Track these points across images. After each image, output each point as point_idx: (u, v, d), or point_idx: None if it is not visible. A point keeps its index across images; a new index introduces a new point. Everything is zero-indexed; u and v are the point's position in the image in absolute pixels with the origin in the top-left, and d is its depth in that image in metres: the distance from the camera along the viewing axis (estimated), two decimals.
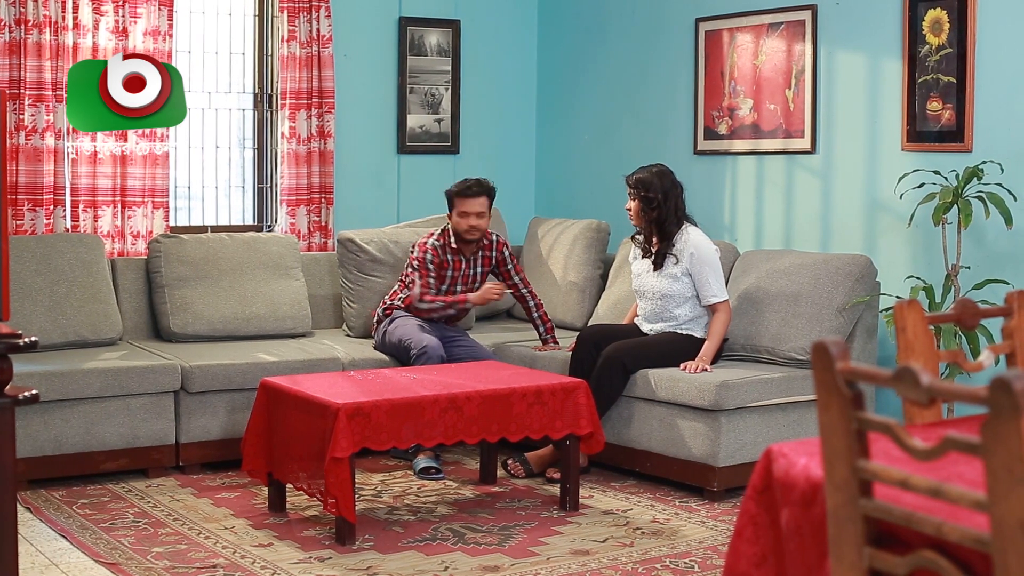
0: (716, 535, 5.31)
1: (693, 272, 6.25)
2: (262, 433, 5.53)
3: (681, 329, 6.34)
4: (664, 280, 6.33)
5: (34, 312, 6.39)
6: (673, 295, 6.31)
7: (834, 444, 2.20)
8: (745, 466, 5.89)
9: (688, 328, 6.33)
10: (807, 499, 2.44)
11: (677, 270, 6.29)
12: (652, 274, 6.39)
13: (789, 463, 2.52)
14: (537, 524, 5.42)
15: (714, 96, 7.48)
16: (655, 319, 6.43)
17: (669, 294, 6.32)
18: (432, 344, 6.34)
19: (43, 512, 5.51)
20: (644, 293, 6.43)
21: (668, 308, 6.35)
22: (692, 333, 6.32)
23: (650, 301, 6.41)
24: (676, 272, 6.29)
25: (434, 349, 6.31)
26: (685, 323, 6.34)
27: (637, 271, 6.50)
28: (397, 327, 6.62)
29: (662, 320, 6.40)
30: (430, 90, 8.25)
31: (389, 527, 5.34)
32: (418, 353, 6.31)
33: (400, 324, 6.62)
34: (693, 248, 6.25)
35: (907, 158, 6.42)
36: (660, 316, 6.40)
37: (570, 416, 5.61)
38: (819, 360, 2.18)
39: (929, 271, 6.25)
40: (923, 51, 6.35)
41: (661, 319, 6.40)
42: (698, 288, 6.26)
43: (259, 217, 7.90)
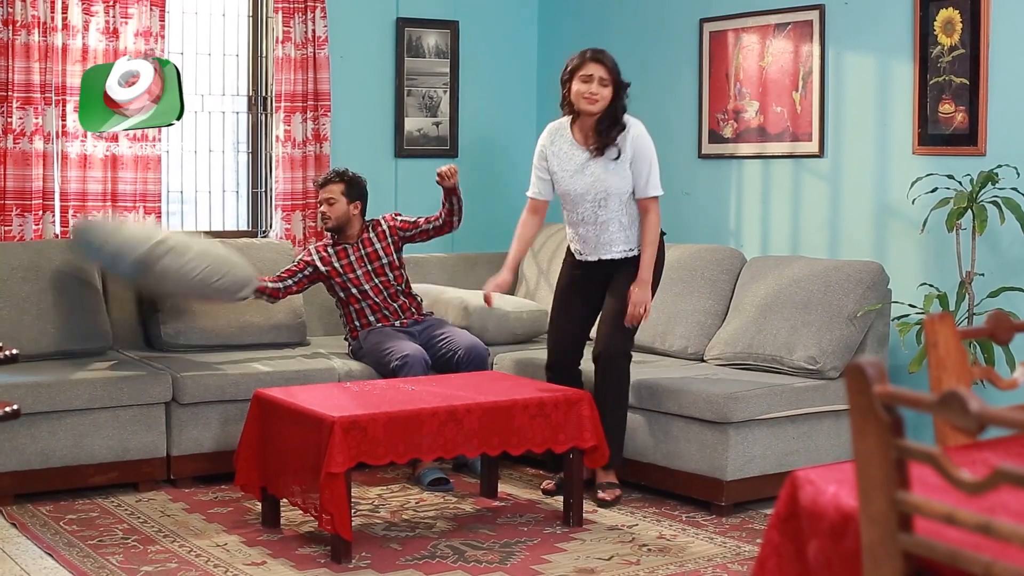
0: (725, 552, 5.13)
1: (636, 160, 5.77)
2: (256, 446, 5.36)
3: (627, 253, 5.89)
4: (609, 174, 5.79)
5: (21, 321, 6.23)
6: (617, 193, 5.77)
7: (871, 474, 2.02)
8: (754, 480, 5.73)
9: (633, 248, 5.89)
10: (837, 531, 2.26)
11: (622, 162, 5.78)
12: (591, 167, 5.82)
13: (817, 491, 2.34)
14: (540, 541, 5.24)
15: (719, 98, 7.32)
16: (595, 244, 5.90)
17: (613, 192, 5.78)
18: (414, 353, 6.17)
19: (29, 528, 5.33)
20: (579, 196, 5.83)
21: (607, 221, 5.82)
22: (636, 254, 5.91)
23: (587, 207, 5.83)
24: (620, 164, 5.78)
25: (416, 358, 6.14)
26: (628, 243, 5.88)
27: (563, 168, 5.89)
28: (372, 332, 6.46)
29: (603, 246, 5.89)
30: (428, 92, 8.09)
31: (386, 544, 5.16)
32: (399, 364, 6.14)
33: (377, 329, 6.47)
34: (635, 133, 5.81)
35: (918, 162, 6.26)
36: (599, 240, 5.87)
37: (573, 429, 5.43)
38: (855, 383, 2.00)
39: (942, 278, 6.08)
40: (935, 52, 6.19)
41: (600, 244, 5.89)
42: (638, 178, 5.78)
43: (253, 222, 7.73)
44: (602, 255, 5.90)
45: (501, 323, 6.98)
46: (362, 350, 6.49)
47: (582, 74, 5.77)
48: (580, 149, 5.85)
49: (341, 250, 6.59)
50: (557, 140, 5.93)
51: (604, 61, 5.78)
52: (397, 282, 6.61)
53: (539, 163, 5.99)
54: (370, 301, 6.53)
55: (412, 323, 6.56)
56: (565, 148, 5.89)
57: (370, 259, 6.57)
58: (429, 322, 6.61)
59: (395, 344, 6.27)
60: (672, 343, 6.63)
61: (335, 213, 6.56)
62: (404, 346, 6.23)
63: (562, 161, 5.89)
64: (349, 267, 6.54)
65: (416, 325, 6.56)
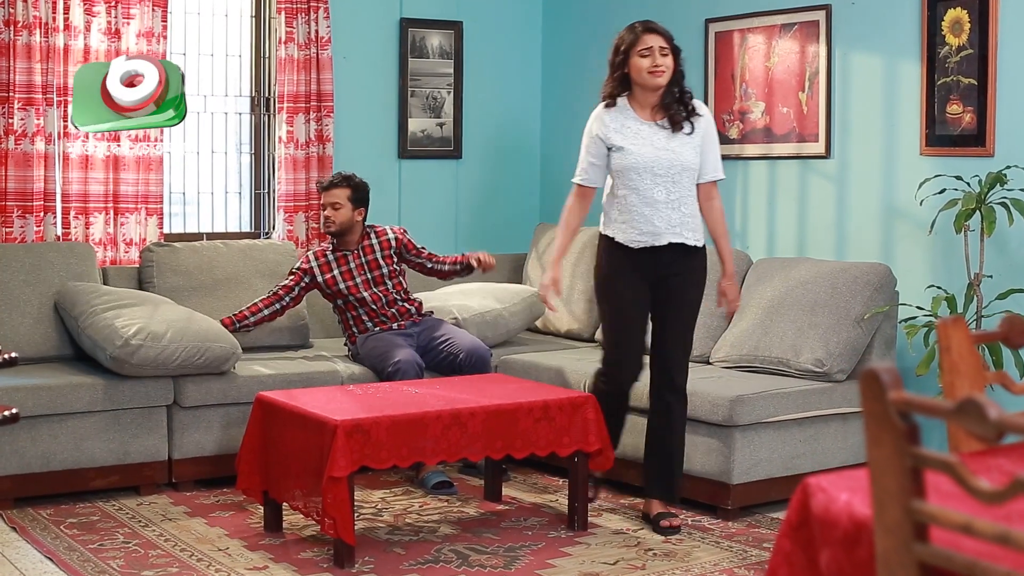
0: (732, 556, 5.08)
1: (707, 139, 5.46)
2: (257, 450, 5.32)
3: (696, 242, 5.47)
4: (685, 147, 5.40)
5: (22, 323, 6.18)
6: (692, 168, 5.40)
7: (885, 483, 1.97)
8: (760, 483, 5.68)
9: (700, 238, 5.51)
10: (851, 539, 2.21)
11: (694, 137, 5.43)
12: (665, 140, 5.42)
13: (829, 499, 2.29)
14: (544, 545, 5.19)
15: (725, 99, 7.27)
16: (666, 226, 5.39)
17: (689, 166, 5.39)
18: (406, 359, 6.11)
19: (29, 532, 5.29)
20: (650, 171, 5.36)
21: (679, 200, 5.39)
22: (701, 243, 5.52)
23: (659, 183, 5.37)
24: (693, 140, 5.42)
25: (409, 363, 6.09)
26: (697, 231, 5.48)
27: (632, 143, 5.41)
28: (370, 337, 6.42)
29: (674, 227, 5.41)
30: (432, 93, 8.04)
31: (390, 548, 5.12)
32: (392, 370, 6.09)
33: (374, 335, 6.42)
34: (704, 111, 5.54)
35: (926, 163, 6.21)
36: (670, 220, 5.39)
37: (578, 432, 5.38)
38: (869, 389, 1.95)
39: (950, 280, 6.03)
40: (942, 52, 6.14)
41: (671, 225, 5.40)
42: (708, 156, 5.47)
43: (256, 224, 7.68)
44: (672, 238, 5.38)
45: (497, 324, 6.93)
46: (360, 356, 6.44)
47: (640, 49, 5.36)
48: (649, 124, 5.42)
49: (341, 257, 6.52)
50: (618, 117, 5.43)
51: (659, 30, 5.41)
52: (396, 290, 6.55)
53: (593, 147, 5.47)
54: (367, 308, 6.47)
55: (411, 325, 6.51)
56: (631, 124, 5.41)
57: (370, 267, 6.51)
58: (428, 323, 6.55)
59: (390, 350, 6.22)
60: None
61: (340, 218, 6.49)
62: (398, 352, 6.18)
63: (629, 136, 5.39)
64: (348, 274, 6.48)
65: (415, 327, 6.51)
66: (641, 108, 5.45)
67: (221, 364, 5.99)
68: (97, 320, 5.93)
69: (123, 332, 5.79)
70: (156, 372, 5.88)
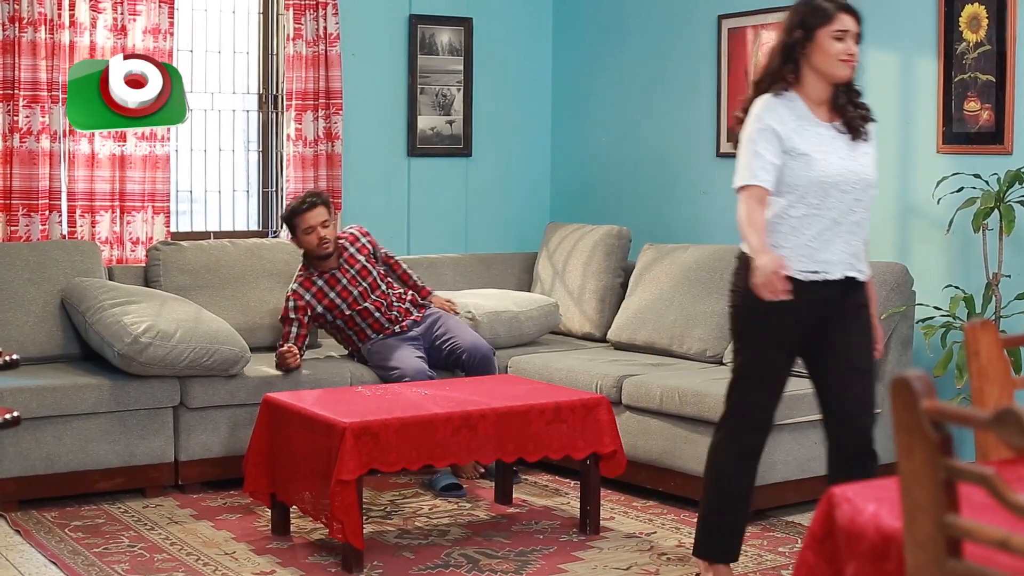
0: (746, 561, 4.99)
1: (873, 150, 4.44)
2: (265, 452, 5.24)
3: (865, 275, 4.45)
4: (869, 159, 4.39)
5: (26, 323, 6.11)
6: (875, 185, 4.41)
7: (917, 495, 1.89)
8: (774, 486, 5.60)
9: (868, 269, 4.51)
10: (878, 552, 2.13)
11: (872, 145, 4.42)
12: (849, 149, 4.35)
13: (855, 510, 2.21)
14: (556, 549, 5.11)
15: (738, 96, 7.16)
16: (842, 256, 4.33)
17: (873, 183, 4.39)
18: (415, 372, 6.03)
19: (33, 535, 5.21)
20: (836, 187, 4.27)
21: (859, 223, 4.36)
22: None
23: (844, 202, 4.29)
24: (872, 149, 4.42)
25: (419, 374, 6.02)
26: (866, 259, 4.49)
27: (817, 150, 4.29)
28: (374, 344, 6.33)
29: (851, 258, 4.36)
30: (441, 91, 7.96)
31: (399, 552, 5.03)
32: (397, 377, 6.03)
33: (378, 342, 6.34)
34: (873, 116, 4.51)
35: (943, 161, 6.11)
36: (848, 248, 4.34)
37: (591, 434, 5.30)
38: (901, 397, 1.87)
39: (968, 280, 5.94)
40: (960, 48, 6.05)
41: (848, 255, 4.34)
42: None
43: (264, 223, 7.61)
44: (846, 271, 4.35)
45: (511, 325, 6.85)
46: (366, 364, 6.34)
47: (836, 29, 4.31)
48: (827, 127, 4.34)
49: (330, 278, 6.33)
50: (793, 114, 4.31)
51: (855, 13, 4.42)
52: (390, 289, 6.45)
53: (770, 144, 4.23)
54: (371, 319, 6.34)
55: (412, 324, 6.41)
56: (808, 125, 4.31)
57: (361, 277, 6.39)
58: (429, 320, 6.44)
59: (396, 357, 6.13)
60: (690, 346, 6.50)
61: (333, 235, 6.31)
62: (406, 360, 6.09)
63: (811, 140, 4.29)
64: (345, 292, 6.32)
65: (417, 327, 6.40)
66: (816, 106, 4.37)
67: (230, 366, 5.91)
68: (105, 316, 5.85)
69: (132, 329, 5.71)
70: (163, 372, 5.81)
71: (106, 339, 5.78)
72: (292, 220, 6.29)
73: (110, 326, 5.79)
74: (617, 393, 6.02)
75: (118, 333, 5.73)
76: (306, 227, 6.24)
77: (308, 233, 6.24)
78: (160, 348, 5.72)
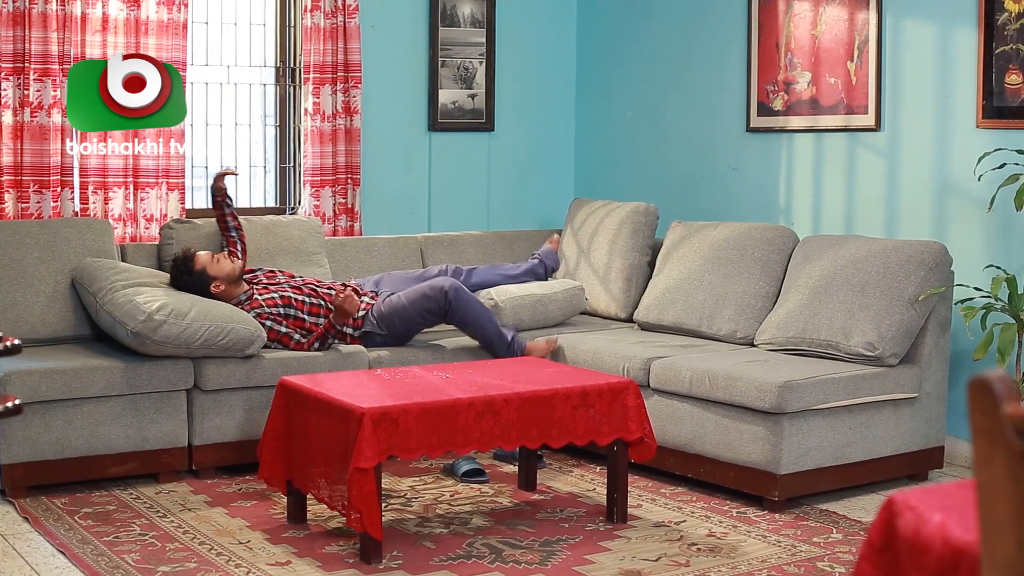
0: (780, 552, 4.80)
1: None
2: (280, 438, 5.06)
3: None
4: None
5: (36, 303, 5.95)
6: None
7: (997, 510, 1.69)
8: (808, 473, 5.40)
9: None
10: (946, 567, 1.93)
11: None
12: None
13: (919, 519, 2.01)
14: (582, 539, 4.92)
15: (769, 69, 6.96)
16: None
17: None
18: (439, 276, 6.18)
19: (42, 523, 5.05)
20: None
21: None
22: None
23: None
24: None
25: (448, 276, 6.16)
26: None
27: None
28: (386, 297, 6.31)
29: None
30: (463, 63, 7.76)
31: (419, 542, 4.85)
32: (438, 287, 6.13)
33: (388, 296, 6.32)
34: None
35: (982, 136, 5.90)
36: None
37: (618, 420, 5.11)
38: (979, 402, 1.67)
39: (1008, 259, 5.73)
40: (1001, 19, 5.82)
41: None
42: None
43: (281, 199, 7.42)
44: None
45: (535, 309, 6.66)
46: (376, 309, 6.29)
47: None
48: None
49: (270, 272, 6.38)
50: None
51: None
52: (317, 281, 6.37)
53: None
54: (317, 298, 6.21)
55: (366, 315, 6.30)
56: None
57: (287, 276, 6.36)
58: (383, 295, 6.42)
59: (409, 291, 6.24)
60: (720, 327, 6.29)
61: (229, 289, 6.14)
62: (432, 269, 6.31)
63: None
64: (281, 287, 6.23)
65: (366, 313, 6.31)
66: None
67: (245, 346, 5.74)
68: (117, 296, 5.68)
69: (145, 307, 5.55)
70: (177, 351, 5.63)
71: (118, 318, 5.61)
72: None
73: (122, 305, 5.62)
74: (645, 376, 5.83)
75: (131, 312, 5.56)
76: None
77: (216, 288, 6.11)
78: (174, 326, 5.55)
